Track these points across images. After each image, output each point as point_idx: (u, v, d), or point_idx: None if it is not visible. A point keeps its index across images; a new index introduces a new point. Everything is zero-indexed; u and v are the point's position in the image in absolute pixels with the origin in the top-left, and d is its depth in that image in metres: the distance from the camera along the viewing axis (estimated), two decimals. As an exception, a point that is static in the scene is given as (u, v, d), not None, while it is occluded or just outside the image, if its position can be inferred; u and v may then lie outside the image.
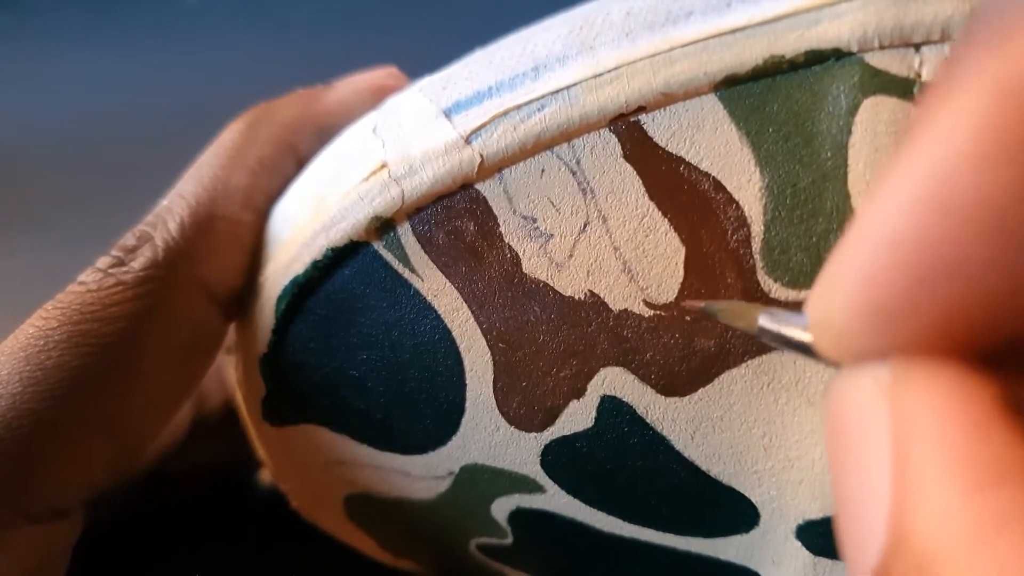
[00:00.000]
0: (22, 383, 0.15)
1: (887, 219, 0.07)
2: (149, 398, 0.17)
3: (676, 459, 0.15)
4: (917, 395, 0.07)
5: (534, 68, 0.14)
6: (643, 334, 0.14)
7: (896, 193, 0.07)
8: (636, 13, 0.14)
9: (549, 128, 0.14)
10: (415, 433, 0.17)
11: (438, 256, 0.15)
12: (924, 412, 0.07)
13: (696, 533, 0.16)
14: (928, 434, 0.07)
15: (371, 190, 0.15)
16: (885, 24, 0.12)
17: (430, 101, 0.15)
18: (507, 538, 0.18)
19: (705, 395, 0.15)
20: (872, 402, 0.07)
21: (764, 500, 0.15)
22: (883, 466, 0.07)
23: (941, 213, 0.07)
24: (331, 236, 0.15)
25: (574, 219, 0.14)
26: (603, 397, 0.15)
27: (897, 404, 0.07)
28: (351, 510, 0.20)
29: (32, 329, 0.15)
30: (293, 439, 0.18)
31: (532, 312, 0.15)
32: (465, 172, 0.14)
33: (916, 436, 0.07)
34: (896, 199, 0.07)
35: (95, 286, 0.16)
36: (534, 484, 0.17)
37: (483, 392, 0.16)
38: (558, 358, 0.15)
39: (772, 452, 0.15)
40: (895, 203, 0.07)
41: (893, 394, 0.07)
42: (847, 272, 0.08)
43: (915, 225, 0.07)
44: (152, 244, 0.16)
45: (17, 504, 0.15)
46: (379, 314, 0.16)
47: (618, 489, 0.16)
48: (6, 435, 0.15)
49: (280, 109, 0.19)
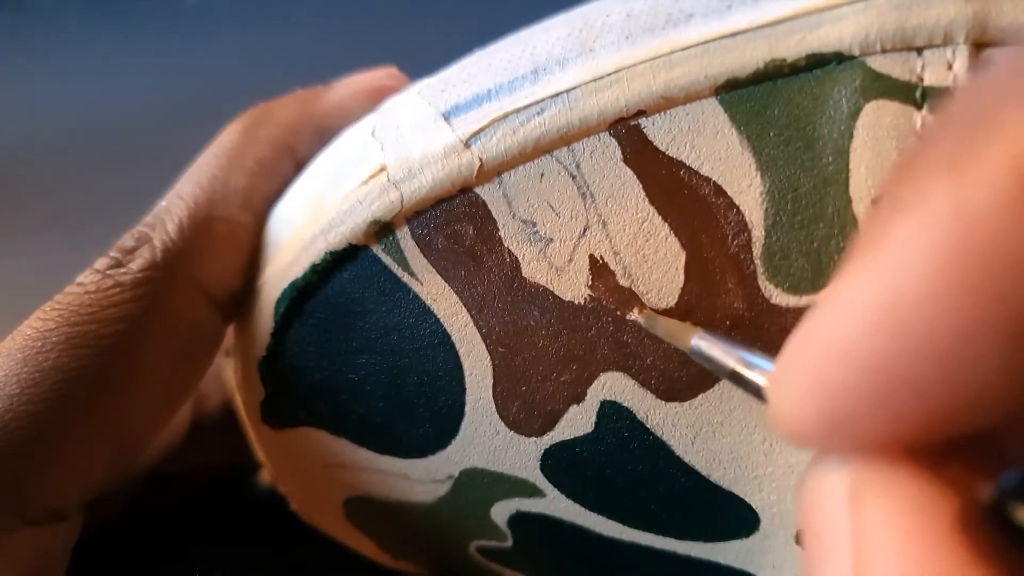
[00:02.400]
0: (20, 385, 0.15)
1: (840, 329, 0.07)
2: (147, 399, 0.16)
3: (676, 464, 0.15)
4: (874, 509, 0.07)
5: (533, 71, 0.14)
6: (643, 339, 0.14)
7: (850, 305, 0.07)
8: (636, 15, 0.14)
9: (548, 132, 0.14)
10: (414, 437, 0.17)
11: (437, 260, 0.15)
12: (880, 531, 0.07)
13: (696, 538, 0.16)
14: (884, 556, 0.07)
15: (370, 194, 0.15)
16: (887, 28, 0.12)
17: (428, 104, 0.15)
18: (507, 541, 0.18)
19: (706, 400, 0.15)
20: (835, 506, 0.08)
21: (764, 505, 0.15)
22: (844, 565, 0.07)
23: (893, 335, 0.07)
24: (330, 240, 0.15)
25: (574, 223, 0.14)
26: (603, 402, 0.15)
27: (856, 514, 0.07)
28: (351, 512, 0.20)
29: (30, 330, 0.15)
30: (292, 442, 0.18)
31: (532, 316, 0.15)
32: (464, 176, 0.14)
33: (873, 554, 0.07)
34: (849, 311, 0.07)
35: (93, 287, 0.16)
36: (534, 488, 0.17)
37: (482, 396, 0.16)
38: (558, 363, 0.15)
39: (772, 457, 0.15)
40: (848, 315, 0.07)
41: (852, 502, 0.07)
42: (800, 372, 0.08)
43: (867, 342, 0.07)
44: (150, 245, 0.16)
45: (15, 506, 0.15)
46: (378, 318, 0.16)
47: (618, 494, 0.16)
48: (3, 437, 0.14)
49: (279, 110, 0.19)
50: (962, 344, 0.07)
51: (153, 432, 0.17)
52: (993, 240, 0.06)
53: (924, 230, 0.07)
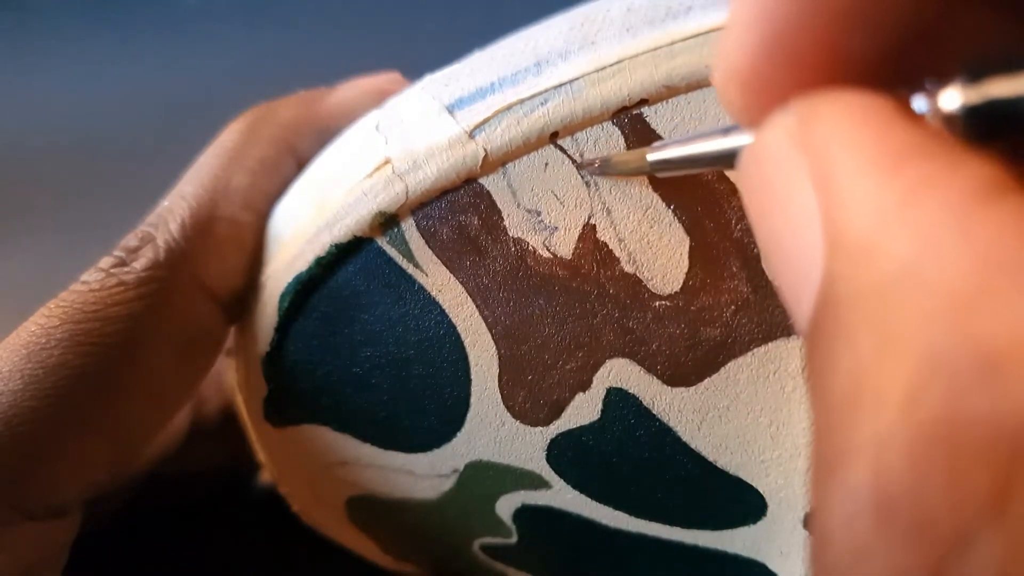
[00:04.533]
0: (23, 381, 0.15)
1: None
2: (149, 398, 0.16)
3: (683, 450, 0.15)
4: (823, 119, 0.08)
5: (536, 63, 0.14)
6: (649, 325, 0.14)
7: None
8: (636, 9, 0.14)
9: (552, 122, 0.14)
10: (419, 430, 0.17)
11: (442, 251, 0.15)
12: (832, 130, 0.07)
13: (703, 526, 0.16)
14: (840, 145, 0.07)
15: (375, 186, 0.15)
16: None
17: (432, 98, 0.15)
18: (511, 537, 0.18)
19: (712, 385, 0.15)
20: (784, 147, 0.08)
21: (772, 490, 0.15)
22: (807, 192, 0.07)
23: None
24: (335, 232, 0.15)
25: (578, 212, 0.14)
26: (609, 389, 0.15)
27: (807, 134, 0.08)
28: (353, 512, 0.20)
29: (34, 327, 0.15)
30: (295, 440, 0.18)
31: (537, 305, 0.15)
32: (469, 167, 0.14)
33: (830, 152, 0.07)
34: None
35: (97, 286, 0.16)
36: (539, 480, 0.17)
37: (488, 387, 0.16)
38: (564, 351, 0.15)
39: (779, 441, 0.15)
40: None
41: (802, 128, 0.08)
42: (737, 15, 0.08)
43: None
44: (154, 245, 0.16)
45: (16, 501, 0.15)
46: (383, 310, 0.16)
47: (624, 483, 0.16)
48: (6, 432, 0.14)
49: (281, 109, 0.19)
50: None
51: (154, 431, 0.17)
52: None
53: None
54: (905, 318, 0.06)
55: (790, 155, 0.08)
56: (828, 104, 0.08)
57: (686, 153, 0.12)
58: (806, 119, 0.08)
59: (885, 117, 0.07)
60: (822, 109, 0.08)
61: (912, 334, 0.06)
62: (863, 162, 0.07)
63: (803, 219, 0.07)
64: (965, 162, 0.07)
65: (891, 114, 0.07)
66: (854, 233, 0.07)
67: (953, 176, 0.06)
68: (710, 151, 0.11)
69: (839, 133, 0.07)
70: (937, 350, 0.06)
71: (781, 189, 0.08)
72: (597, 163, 0.14)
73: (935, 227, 0.06)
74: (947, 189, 0.06)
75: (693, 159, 0.12)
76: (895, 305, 0.06)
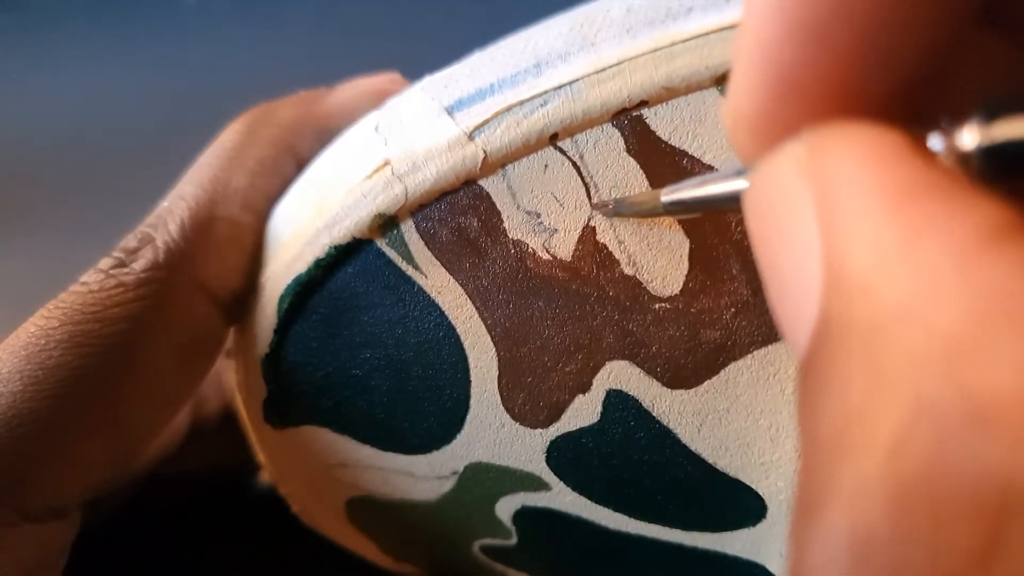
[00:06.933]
0: (23, 382, 0.15)
1: None
2: (149, 399, 0.16)
3: (683, 452, 0.15)
4: (831, 151, 0.07)
5: (536, 64, 0.14)
6: (649, 327, 0.14)
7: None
8: (636, 10, 0.14)
9: (552, 123, 0.14)
10: (418, 432, 0.17)
11: (442, 253, 0.15)
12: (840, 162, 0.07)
13: (703, 528, 0.16)
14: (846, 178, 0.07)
15: (374, 187, 0.15)
16: None
17: (432, 99, 0.15)
18: (511, 538, 0.18)
19: (711, 387, 0.15)
20: (791, 176, 0.08)
21: (771, 492, 0.15)
22: (810, 224, 0.07)
23: None
24: (334, 234, 0.15)
25: (578, 214, 0.14)
26: (609, 391, 0.15)
27: (815, 165, 0.07)
28: (353, 513, 0.20)
29: (34, 328, 0.15)
30: (294, 441, 0.18)
31: (537, 307, 0.15)
32: (468, 168, 0.14)
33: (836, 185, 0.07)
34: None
35: (96, 287, 0.16)
36: (539, 482, 0.17)
37: (488, 389, 0.16)
38: (563, 353, 0.15)
39: (779, 443, 0.15)
40: None
41: (811, 158, 0.08)
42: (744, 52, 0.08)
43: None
44: (153, 246, 0.16)
45: (16, 502, 0.15)
46: (382, 312, 0.16)
47: (624, 485, 0.16)
48: (6, 433, 0.15)
49: (280, 110, 0.19)
50: None
51: (154, 432, 0.17)
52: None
53: None
54: (897, 361, 0.06)
55: (796, 184, 0.08)
56: (838, 136, 0.07)
57: (699, 194, 0.12)
58: (815, 150, 0.08)
59: (895, 152, 0.07)
60: (832, 141, 0.07)
61: (903, 378, 0.06)
62: (868, 197, 0.07)
63: (804, 251, 0.07)
64: (974, 203, 0.06)
65: (902, 150, 0.07)
66: (853, 269, 0.07)
67: (959, 217, 0.06)
68: (723, 192, 0.11)
69: (847, 166, 0.07)
70: (927, 397, 0.06)
71: (785, 218, 0.08)
72: (611, 205, 0.14)
73: (935, 269, 0.06)
74: (951, 231, 0.06)
75: (706, 200, 0.12)
76: (888, 347, 0.06)
